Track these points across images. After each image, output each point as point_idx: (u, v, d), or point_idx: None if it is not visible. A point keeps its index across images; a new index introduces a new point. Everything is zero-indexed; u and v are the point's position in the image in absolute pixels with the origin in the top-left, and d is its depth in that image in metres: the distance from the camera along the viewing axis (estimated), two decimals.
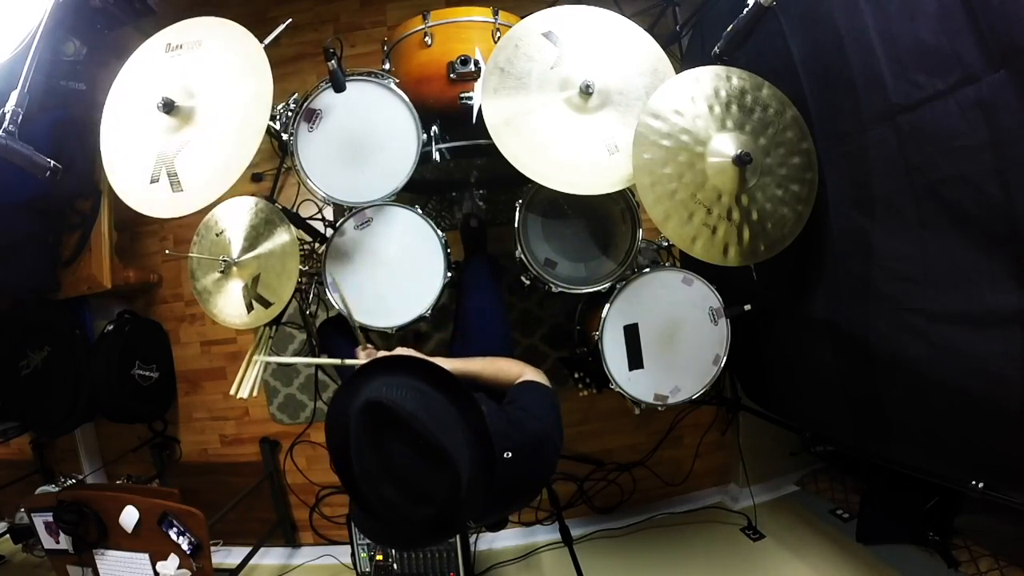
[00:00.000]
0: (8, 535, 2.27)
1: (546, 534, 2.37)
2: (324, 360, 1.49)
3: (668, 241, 1.70)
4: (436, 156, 1.56)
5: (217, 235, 1.57)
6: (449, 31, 1.58)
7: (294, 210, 1.77)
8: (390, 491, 0.78)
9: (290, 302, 1.50)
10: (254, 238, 1.53)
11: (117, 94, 1.37)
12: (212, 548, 1.90)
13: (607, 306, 1.54)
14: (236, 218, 1.56)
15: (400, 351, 1.14)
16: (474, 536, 2.29)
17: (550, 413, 1.08)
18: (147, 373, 2.46)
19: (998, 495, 1.20)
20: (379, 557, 1.99)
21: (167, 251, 2.51)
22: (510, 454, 0.93)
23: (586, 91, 1.37)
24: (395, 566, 1.99)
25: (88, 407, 2.35)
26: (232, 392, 1.60)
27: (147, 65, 1.36)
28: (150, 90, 1.31)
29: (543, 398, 1.11)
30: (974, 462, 1.22)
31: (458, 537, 1.95)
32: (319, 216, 2.07)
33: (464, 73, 1.54)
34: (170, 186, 1.30)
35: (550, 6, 1.46)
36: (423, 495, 0.78)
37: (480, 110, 1.40)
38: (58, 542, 2.00)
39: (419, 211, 1.55)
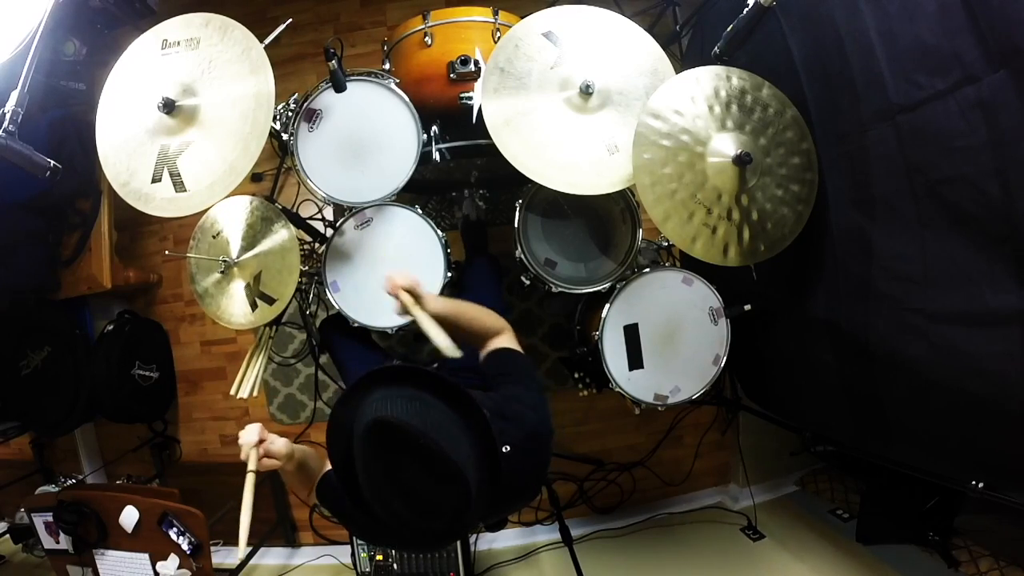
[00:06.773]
0: (8, 535, 2.27)
1: (546, 534, 2.36)
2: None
3: (668, 241, 1.70)
4: (436, 156, 1.56)
5: (215, 236, 1.57)
6: (449, 31, 1.58)
7: (294, 210, 1.77)
8: (400, 507, 0.77)
9: (291, 301, 1.50)
10: (252, 237, 1.53)
11: (112, 91, 1.36)
12: (212, 548, 1.90)
13: (607, 306, 1.54)
14: (233, 219, 1.56)
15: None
16: (474, 536, 2.29)
17: (539, 400, 1.05)
18: (147, 373, 2.46)
19: (998, 495, 1.20)
20: (379, 557, 1.99)
21: (167, 251, 2.51)
22: (508, 448, 0.91)
23: (586, 91, 1.37)
24: (395, 566, 1.99)
25: (88, 407, 2.35)
26: (232, 392, 1.61)
27: (143, 62, 1.35)
28: (148, 88, 1.30)
29: (531, 381, 1.08)
30: (974, 462, 1.22)
31: None
32: (319, 216, 2.07)
33: (464, 73, 1.54)
34: (173, 186, 1.30)
35: (550, 6, 1.46)
36: (433, 510, 0.77)
37: (480, 110, 1.40)
38: (58, 542, 2.00)
39: (419, 211, 1.55)
